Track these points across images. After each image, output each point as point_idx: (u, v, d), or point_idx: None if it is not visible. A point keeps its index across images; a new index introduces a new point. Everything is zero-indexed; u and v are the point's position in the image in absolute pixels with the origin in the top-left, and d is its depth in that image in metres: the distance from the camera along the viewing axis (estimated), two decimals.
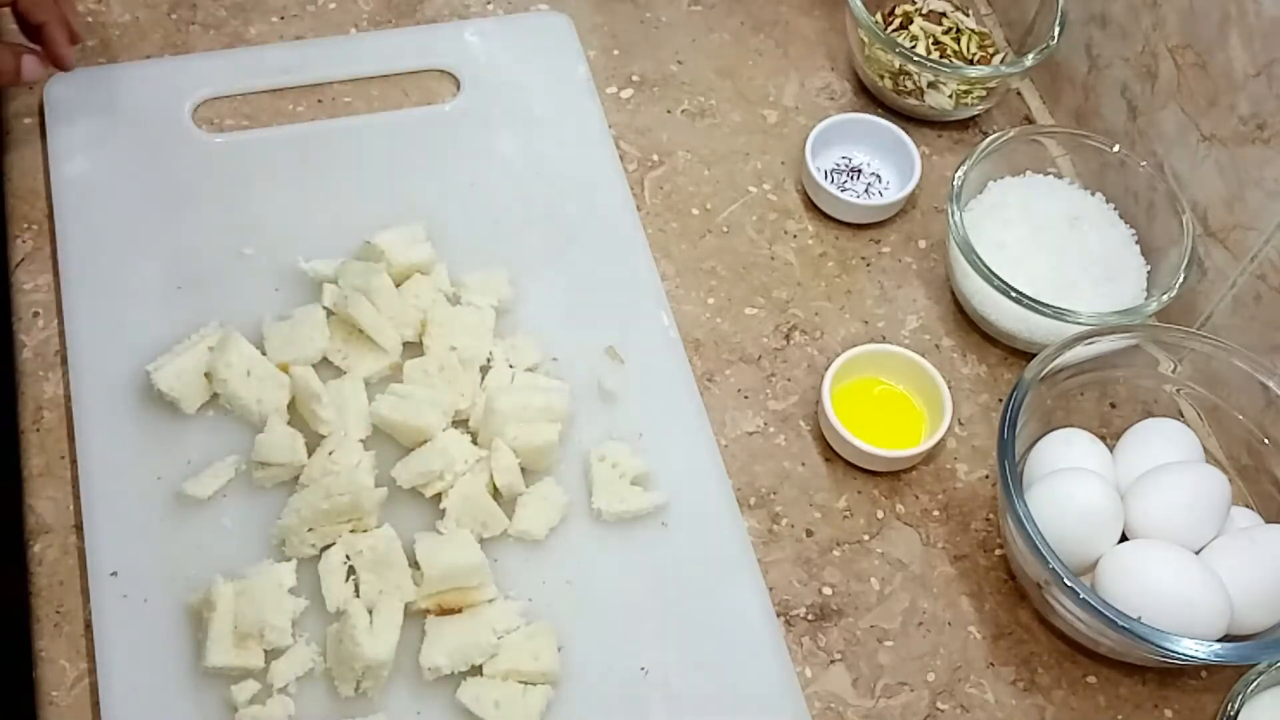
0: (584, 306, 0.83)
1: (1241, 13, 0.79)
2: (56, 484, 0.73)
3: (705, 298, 0.86)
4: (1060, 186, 0.90)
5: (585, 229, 0.87)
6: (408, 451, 0.74)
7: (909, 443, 0.80)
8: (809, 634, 0.74)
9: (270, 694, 0.66)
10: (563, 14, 0.98)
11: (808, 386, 0.83)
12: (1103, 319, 0.80)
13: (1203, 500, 0.73)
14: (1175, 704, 0.74)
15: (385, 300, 0.77)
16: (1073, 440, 0.77)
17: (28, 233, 0.82)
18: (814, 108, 0.97)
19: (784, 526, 0.78)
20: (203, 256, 0.81)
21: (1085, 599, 0.67)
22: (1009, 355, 0.86)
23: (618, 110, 0.94)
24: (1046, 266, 0.85)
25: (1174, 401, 0.82)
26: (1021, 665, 0.75)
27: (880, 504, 0.79)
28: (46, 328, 0.78)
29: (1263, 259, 0.80)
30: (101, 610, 0.68)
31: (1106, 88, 0.93)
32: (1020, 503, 0.70)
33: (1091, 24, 0.93)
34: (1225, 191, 0.82)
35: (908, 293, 0.89)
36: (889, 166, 0.93)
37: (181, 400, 0.74)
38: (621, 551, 0.74)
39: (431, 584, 0.69)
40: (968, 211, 0.86)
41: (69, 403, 0.75)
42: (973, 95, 0.94)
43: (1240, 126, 0.80)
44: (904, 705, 0.72)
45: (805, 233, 0.90)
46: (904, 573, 0.77)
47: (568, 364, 0.80)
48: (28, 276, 0.80)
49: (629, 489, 0.75)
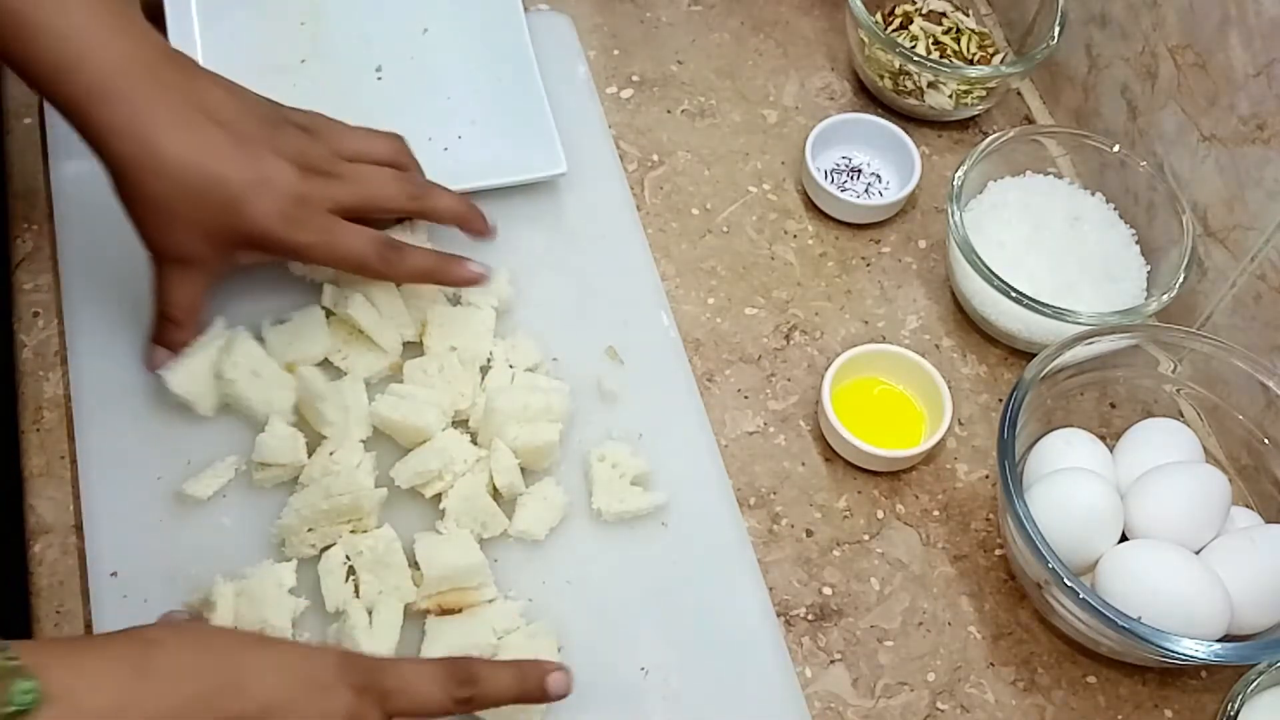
0: (584, 306, 0.82)
1: (1241, 13, 0.79)
2: (56, 484, 0.73)
3: (705, 298, 0.86)
4: (1060, 186, 0.90)
5: (585, 229, 0.87)
6: (407, 452, 0.74)
7: (909, 443, 0.80)
8: (809, 634, 0.74)
9: None
10: (563, 14, 0.98)
11: (808, 386, 0.83)
12: (1103, 319, 0.80)
13: (1203, 500, 0.73)
14: (1175, 704, 0.74)
15: (385, 301, 0.77)
16: (1073, 440, 0.77)
17: (28, 233, 0.82)
18: (814, 108, 0.97)
19: (784, 526, 0.78)
20: None
21: (1085, 599, 0.67)
22: (1009, 355, 0.86)
23: (618, 110, 0.94)
24: (1046, 266, 0.85)
25: (1174, 401, 0.82)
26: (1021, 665, 0.75)
27: (880, 504, 0.79)
28: (46, 328, 0.78)
29: (1263, 259, 0.80)
30: (101, 610, 0.68)
31: (1106, 88, 0.93)
32: (1020, 503, 0.70)
33: (1091, 24, 0.93)
34: (1225, 191, 0.82)
35: (908, 293, 0.89)
36: (889, 166, 0.93)
37: (196, 402, 0.73)
38: (621, 551, 0.74)
39: (431, 584, 0.69)
40: (968, 211, 0.86)
41: (69, 403, 0.75)
42: (973, 95, 0.94)
43: (1240, 126, 0.80)
44: (904, 705, 0.72)
45: (805, 233, 0.90)
46: (904, 573, 0.77)
47: (568, 364, 0.80)
48: (28, 276, 0.80)
49: (629, 489, 0.75)
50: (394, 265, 0.74)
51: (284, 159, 0.69)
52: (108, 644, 0.53)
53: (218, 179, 0.66)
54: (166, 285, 0.69)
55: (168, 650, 0.53)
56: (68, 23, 0.64)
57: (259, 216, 0.68)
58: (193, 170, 0.66)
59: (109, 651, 0.53)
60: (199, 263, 0.69)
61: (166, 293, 0.69)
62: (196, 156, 0.66)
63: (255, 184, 0.67)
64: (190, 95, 0.68)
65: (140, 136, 0.65)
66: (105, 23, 0.65)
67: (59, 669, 0.49)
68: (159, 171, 0.66)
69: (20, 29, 0.64)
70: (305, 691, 0.55)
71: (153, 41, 0.68)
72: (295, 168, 0.70)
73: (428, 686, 0.60)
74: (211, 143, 0.67)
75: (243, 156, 0.68)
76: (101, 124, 0.65)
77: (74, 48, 0.64)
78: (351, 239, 0.72)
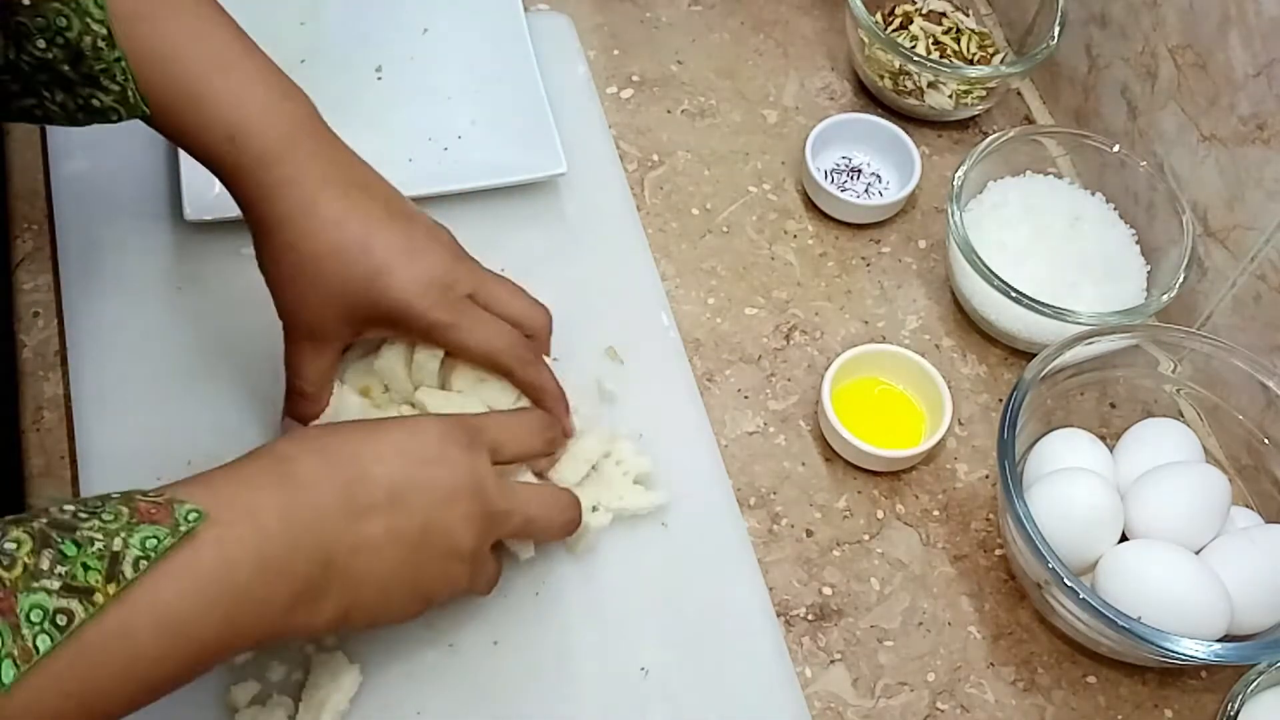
0: (584, 306, 0.82)
1: (1241, 13, 0.79)
2: (56, 484, 0.73)
3: (705, 298, 0.86)
4: (1060, 186, 0.90)
5: (585, 229, 0.87)
6: None
7: (909, 443, 0.80)
8: (809, 634, 0.74)
9: (270, 694, 0.67)
10: (563, 14, 0.98)
11: (808, 386, 0.83)
12: (1103, 319, 0.80)
13: (1203, 500, 0.73)
14: (1175, 704, 0.74)
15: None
16: (1073, 440, 0.77)
17: (28, 233, 0.82)
18: (814, 108, 0.97)
19: (784, 526, 0.78)
20: (203, 256, 0.81)
21: (1085, 599, 0.67)
22: (1009, 355, 0.86)
23: (618, 110, 0.94)
24: (1047, 266, 0.85)
25: (1174, 401, 0.82)
26: (1021, 665, 0.75)
27: (880, 504, 0.79)
28: (46, 328, 0.78)
29: (1263, 259, 0.80)
30: None
31: (1106, 88, 0.93)
32: (1020, 503, 0.70)
33: (1091, 24, 0.93)
34: (1225, 191, 0.82)
35: (908, 293, 0.89)
36: (889, 166, 0.93)
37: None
38: (622, 551, 0.74)
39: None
40: (968, 211, 0.86)
41: (69, 403, 0.75)
42: (973, 95, 0.94)
43: (1240, 126, 0.80)
44: (904, 705, 0.72)
45: (805, 233, 0.90)
46: (904, 573, 0.77)
47: (568, 364, 0.80)
48: (28, 276, 0.80)
49: (630, 487, 0.75)
50: (525, 368, 0.71)
51: (435, 240, 0.69)
52: (244, 469, 0.57)
53: (368, 243, 0.66)
54: (299, 361, 0.69)
55: (300, 462, 0.58)
56: (243, 90, 0.65)
57: (402, 285, 0.67)
58: (346, 231, 0.66)
59: (250, 475, 0.57)
60: (332, 338, 0.68)
61: (299, 367, 0.69)
62: (351, 219, 0.66)
63: (405, 252, 0.67)
64: (351, 170, 0.68)
65: (302, 197, 0.65)
66: (275, 89, 0.66)
67: (208, 495, 0.54)
68: (313, 230, 0.65)
69: (195, 99, 0.64)
70: (422, 466, 0.61)
71: (313, 110, 0.68)
72: (446, 249, 0.70)
73: (526, 431, 0.69)
74: (368, 210, 0.67)
75: (396, 227, 0.67)
76: (268, 185, 0.65)
77: (248, 114, 0.64)
78: (491, 328, 0.70)
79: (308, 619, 0.57)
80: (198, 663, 0.53)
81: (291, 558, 0.55)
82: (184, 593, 0.51)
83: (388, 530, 0.59)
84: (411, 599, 0.62)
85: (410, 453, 0.61)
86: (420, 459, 0.61)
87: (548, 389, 0.72)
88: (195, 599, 0.51)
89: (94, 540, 0.49)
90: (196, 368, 0.77)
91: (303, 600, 0.56)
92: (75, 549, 0.48)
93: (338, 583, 0.57)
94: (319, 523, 0.57)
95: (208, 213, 0.79)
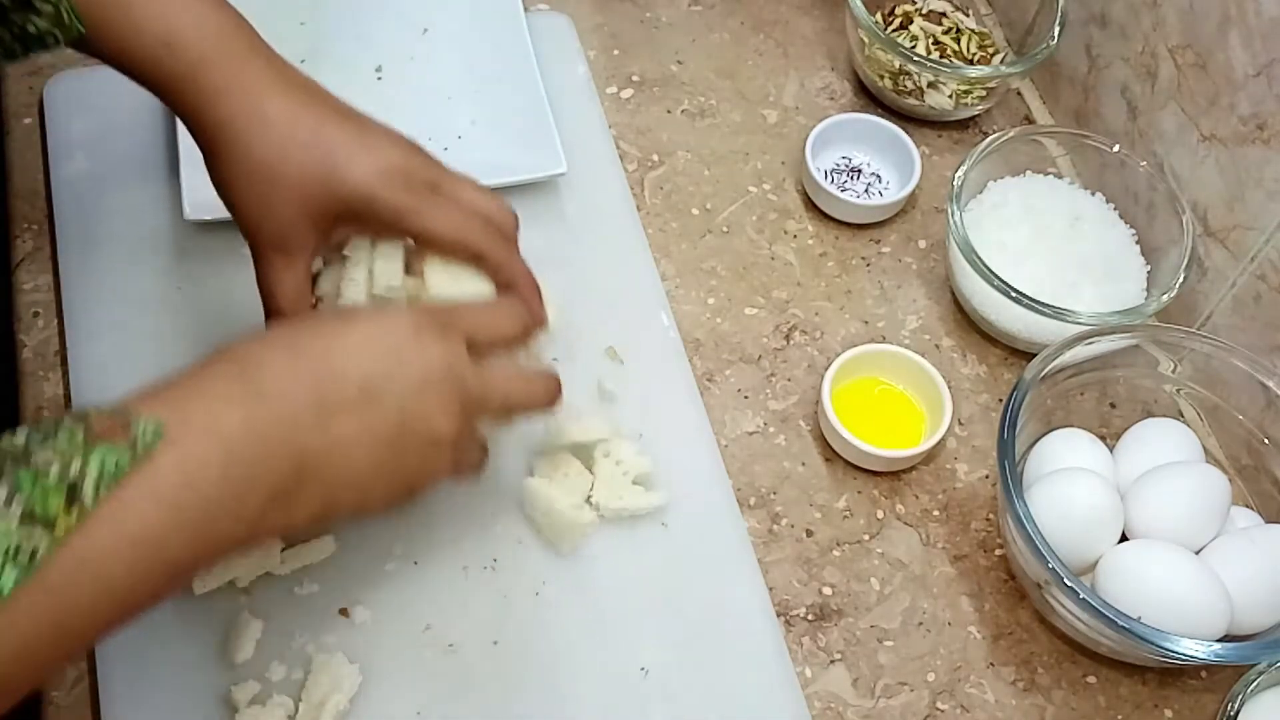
0: (584, 306, 0.82)
1: (1241, 13, 0.79)
2: None
3: (705, 298, 0.86)
4: (1060, 186, 0.90)
5: (585, 229, 0.87)
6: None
7: (909, 443, 0.80)
8: (809, 634, 0.74)
9: (270, 694, 0.67)
10: (563, 14, 0.98)
11: (808, 386, 0.83)
12: (1103, 319, 0.80)
13: (1203, 500, 0.73)
14: (1175, 704, 0.74)
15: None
16: (1073, 440, 0.77)
17: (28, 233, 0.82)
18: (814, 108, 0.97)
19: (784, 526, 0.78)
20: (203, 256, 0.81)
21: (1085, 599, 0.67)
22: (1009, 355, 0.86)
23: (618, 110, 0.94)
24: (1047, 266, 0.85)
25: (1174, 401, 0.82)
26: (1021, 665, 0.75)
27: (880, 504, 0.79)
28: (46, 328, 0.78)
29: (1263, 259, 0.80)
30: None
31: (1106, 88, 0.93)
32: (1020, 503, 0.70)
33: (1091, 24, 0.93)
34: (1225, 191, 0.82)
35: (908, 293, 0.89)
36: (889, 166, 0.93)
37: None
38: (621, 551, 0.74)
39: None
40: (968, 211, 0.86)
41: (69, 403, 0.75)
42: (973, 95, 0.94)
43: (1240, 126, 0.80)
44: (904, 705, 0.72)
45: (805, 233, 0.90)
46: (904, 573, 0.77)
47: (568, 364, 0.80)
48: (28, 276, 0.80)
49: (630, 487, 0.75)
50: (497, 251, 0.68)
51: (390, 133, 0.68)
52: (206, 376, 0.55)
53: (323, 138, 0.65)
54: (272, 277, 0.66)
55: (266, 365, 0.56)
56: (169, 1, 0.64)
57: (363, 172, 0.65)
58: (298, 129, 0.64)
59: (214, 384, 0.54)
60: (300, 247, 0.66)
61: (273, 285, 0.66)
62: (302, 117, 0.65)
63: (360, 144, 0.66)
64: (292, 71, 0.67)
65: (246, 97, 0.64)
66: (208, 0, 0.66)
67: (166, 409, 0.51)
68: (265, 133, 0.64)
69: (126, 7, 0.63)
70: (395, 359, 0.59)
71: (245, 21, 0.67)
72: (403, 140, 0.68)
73: (502, 316, 0.66)
74: (316, 107, 0.66)
75: (348, 124, 0.66)
76: (208, 89, 0.64)
77: (184, 21, 0.64)
78: (459, 213, 0.68)
79: (285, 519, 0.56)
80: (173, 578, 0.52)
81: (260, 466, 0.54)
82: (147, 514, 0.49)
83: (362, 427, 0.57)
84: (393, 491, 0.61)
85: (382, 344, 0.59)
86: (393, 349, 0.59)
87: (521, 274, 0.69)
88: (160, 519, 0.50)
89: (50, 466, 0.47)
90: None
91: (276, 505, 0.54)
92: (32, 478, 0.47)
93: (312, 484, 0.56)
94: (288, 429, 0.55)
95: (208, 213, 0.79)
